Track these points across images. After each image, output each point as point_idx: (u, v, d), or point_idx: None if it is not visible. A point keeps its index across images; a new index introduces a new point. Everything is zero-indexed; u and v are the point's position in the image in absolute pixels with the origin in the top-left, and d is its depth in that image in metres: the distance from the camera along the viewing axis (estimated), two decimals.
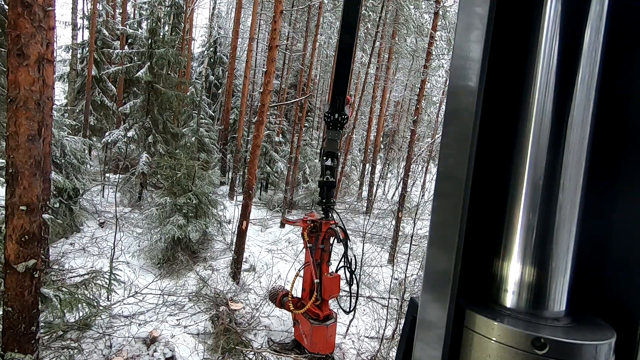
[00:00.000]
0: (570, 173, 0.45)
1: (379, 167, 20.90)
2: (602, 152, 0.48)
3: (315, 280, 3.57)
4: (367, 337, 6.33)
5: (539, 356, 0.40)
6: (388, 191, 21.43)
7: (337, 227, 3.63)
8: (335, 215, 3.77)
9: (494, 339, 0.43)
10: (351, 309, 3.65)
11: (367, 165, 19.66)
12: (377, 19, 16.14)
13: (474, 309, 0.46)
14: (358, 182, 20.48)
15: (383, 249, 11.03)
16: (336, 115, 3.62)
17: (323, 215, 3.78)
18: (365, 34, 19.93)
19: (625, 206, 0.49)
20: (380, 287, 8.49)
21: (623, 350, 0.45)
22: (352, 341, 6.21)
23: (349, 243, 3.57)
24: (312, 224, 3.65)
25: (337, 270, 3.84)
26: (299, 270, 3.94)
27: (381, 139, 22.08)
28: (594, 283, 0.51)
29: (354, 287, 3.66)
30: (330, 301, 4.00)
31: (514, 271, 0.47)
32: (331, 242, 3.82)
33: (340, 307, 3.75)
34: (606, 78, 0.45)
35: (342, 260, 3.61)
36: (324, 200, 3.72)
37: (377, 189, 19.09)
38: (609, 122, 0.48)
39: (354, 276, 3.57)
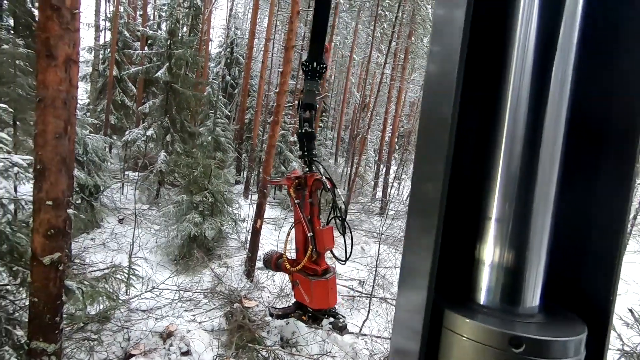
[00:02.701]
0: (545, 168, 0.45)
1: (393, 167, 20.75)
2: (578, 148, 0.48)
3: (309, 234, 3.42)
4: (380, 337, 6.30)
5: (515, 354, 0.41)
6: (403, 192, 21.24)
7: (323, 178, 3.48)
8: (320, 167, 3.60)
9: (471, 337, 0.43)
10: (347, 257, 3.51)
11: (382, 165, 19.54)
12: (394, 19, 16.03)
13: (451, 307, 0.46)
14: (372, 182, 20.38)
15: (397, 250, 10.95)
16: (314, 65, 3.48)
17: (307, 169, 3.64)
18: (381, 34, 19.82)
19: (599, 203, 0.49)
20: (394, 288, 8.44)
21: (593, 343, 0.46)
22: (365, 341, 6.20)
23: (336, 191, 3.41)
24: (297, 181, 3.53)
25: (328, 223, 3.69)
26: (290, 230, 3.77)
27: (396, 139, 21.91)
28: (567, 278, 0.51)
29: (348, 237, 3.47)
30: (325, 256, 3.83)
31: (489, 268, 0.47)
32: (318, 194, 3.67)
33: (335, 257, 3.61)
34: (581, 74, 0.46)
35: (332, 210, 3.47)
36: (305, 153, 3.57)
37: (391, 190, 18.96)
38: (585, 117, 0.49)
39: (345, 224, 3.41)
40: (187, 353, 5.10)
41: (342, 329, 3.65)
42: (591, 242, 0.50)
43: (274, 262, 3.84)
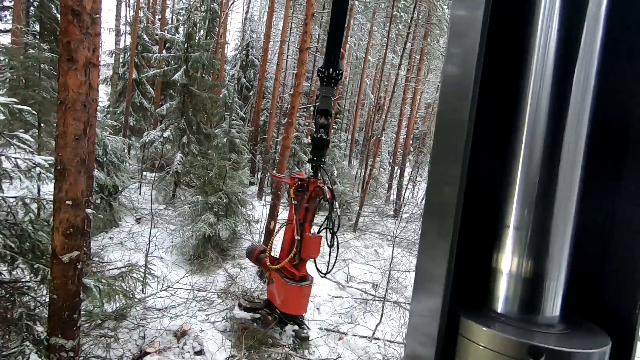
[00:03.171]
0: (566, 175, 0.44)
1: (408, 170, 20.55)
2: (600, 154, 0.47)
3: (296, 237, 3.41)
4: (393, 342, 6.23)
5: None
6: (417, 194, 21.00)
7: (325, 187, 3.47)
8: (325, 176, 3.60)
9: (489, 347, 0.42)
10: (328, 270, 3.48)
11: (396, 168, 19.38)
12: (409, 20, 15.90)
13: (467, 315, 0.45)
14: (386, 184, 20.23)
15: (411, 253, 10.82)
16: (330, 71, 3.50)
17: (312, 174, 3.63)
18: (397, 36, 19.69)
19: (623, 209, 0.47)
20: (407, 292, 8.33)
21: (618, 357, 0.44)
22: (378, 345, 6.13)
23: (335, 203, 3.40)
24: (299, 182, 3.53)
25: (319, 232, 3.66)
26: (280, 228, 3.79)
27: (411, 141, 21.70)
28: (589, 288, 0.49)
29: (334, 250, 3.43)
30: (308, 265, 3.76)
31: (507, 276, 0.46)
32: (317, 202, 3.65)
33: (317, 268, 3.57)
34: (603, 77, 0.44)
35: (326, 221, 3.44)
36: (314, 158, 3.58)
37: (406, 192, 18.78)
38: (608, 121, 0.47)
39: (335, 238, 3.39)
40: (200, 352, 5.14)
41: (303, 340, 3.63)
42: (614, 251, 0.48)
43: (256, 255, 3.83)
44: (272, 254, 3.73)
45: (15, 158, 3.88)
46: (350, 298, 7.63)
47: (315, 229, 3.64)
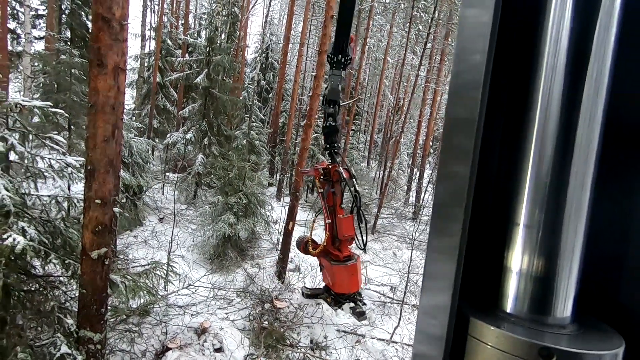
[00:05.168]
0: (578, 172, 0.43)
1: (427, 172, 20.25)
2: (614, 150, 0.46)
3: (327, 221, 3.60)
4: (411, 345, 6.15)
5: None
6: None
7: (340, 168, 3.58)
8: (340, 159, 3.73)
9: (498, 347, 0.42)
10: (364, 244, 3.62)
11: (415, 170, 19.13)
12: (429, 20, 15.71)
13: (476, 315, 0.45)
14: (405, 187, 20.01)
15: None
16: (339, 57, 3.58)
17: (331, 161, 3.77)
18: (416, 36, 19.48)
19: (638, 207, 0.46)
20: None
21: (632, 359, 0.43)
22: (396, 349, 6.08)
23: (355, 182, 3.53)
24: (322, 170, 3.67)
25: (351, 213, 3.81)
26: (316, 217, 3.98)
27: (431, 143, 21.38)
28: (602, 288, 0.48)
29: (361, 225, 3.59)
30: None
31: (517, 275, 0.46)
32: (342, 185, 3.78)
33: (357, 244, 3.75)
34: (618, 72, 0.43)
35: (354, 200, 3.57)
36: (327, 146, 3.71)
37: (425, 195, 18.51)
38: (623, 118, 0.46)
39: (360, 213, 3.54)
40: (220, 350, 5.25)
41: (359, 315, 3.76)
42: (629, 250, 0.47)
43: (303, 245, 4.02)
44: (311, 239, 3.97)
45: (49, 159, 4.08)
46: (368, 300, 7.59)
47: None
